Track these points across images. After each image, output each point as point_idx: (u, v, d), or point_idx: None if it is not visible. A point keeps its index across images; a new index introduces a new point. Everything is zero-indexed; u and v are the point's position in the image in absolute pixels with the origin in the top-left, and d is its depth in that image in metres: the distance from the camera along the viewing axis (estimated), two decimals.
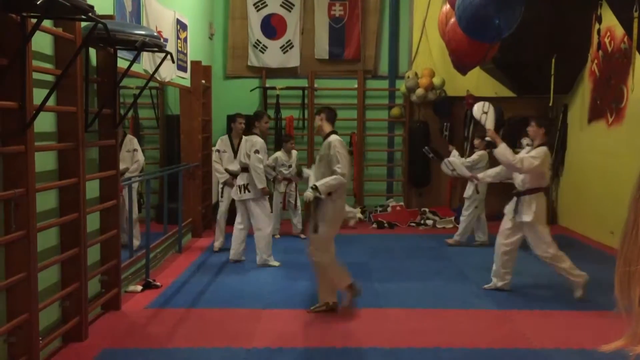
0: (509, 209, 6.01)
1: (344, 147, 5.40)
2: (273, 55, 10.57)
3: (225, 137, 8.14)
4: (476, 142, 8.37)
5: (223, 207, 8.03)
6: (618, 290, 0.89)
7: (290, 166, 8.71)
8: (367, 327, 5.05)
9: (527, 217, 5.79)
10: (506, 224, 6.02)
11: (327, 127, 5.50)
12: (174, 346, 4.61)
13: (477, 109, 6.17)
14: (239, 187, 7.19)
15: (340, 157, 5.25)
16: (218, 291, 6.12)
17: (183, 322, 5.15)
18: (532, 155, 5.79)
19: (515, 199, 5.94)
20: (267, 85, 10.56)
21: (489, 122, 6.04)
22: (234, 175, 7.57)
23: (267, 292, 6.08)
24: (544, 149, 5.83)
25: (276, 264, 7.15)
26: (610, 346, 0.89)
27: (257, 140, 7.07)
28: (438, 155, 9.03)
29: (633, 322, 0.86)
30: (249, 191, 7.09)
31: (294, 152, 8.93)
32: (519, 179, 5.96)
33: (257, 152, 6.98)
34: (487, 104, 6.13)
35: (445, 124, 10.21)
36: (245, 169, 7.14)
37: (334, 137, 5.39)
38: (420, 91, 9.94)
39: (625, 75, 7.73)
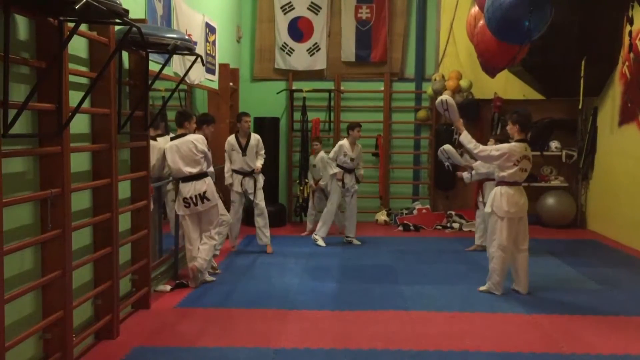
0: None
1: None
2: (300, 58, 10.63)
3: (232, 137, 7.95)
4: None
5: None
6: None
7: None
8: (393, 329, 5.05)
9: (485, 208, 6.17)
10: None
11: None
12: (202, 345, 4.66)
13: (438, 108, 6.31)
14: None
15: None
16: (245, 292, 6.16)
17: (211, 322, 5.20)
18: (493, 147, 6.12)
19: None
20: (293, 87, 10.62)
21: (454, 115, 6.19)
22: (244, 174, 7.82)
23: (293, 293, 6.11)
24: (509, 144, 6.00)
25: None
26: None
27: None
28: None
29: None
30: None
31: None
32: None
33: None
34: (444, 101, 6.20)
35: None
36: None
37: None
38: (447, 94, 9.89)
39: None
